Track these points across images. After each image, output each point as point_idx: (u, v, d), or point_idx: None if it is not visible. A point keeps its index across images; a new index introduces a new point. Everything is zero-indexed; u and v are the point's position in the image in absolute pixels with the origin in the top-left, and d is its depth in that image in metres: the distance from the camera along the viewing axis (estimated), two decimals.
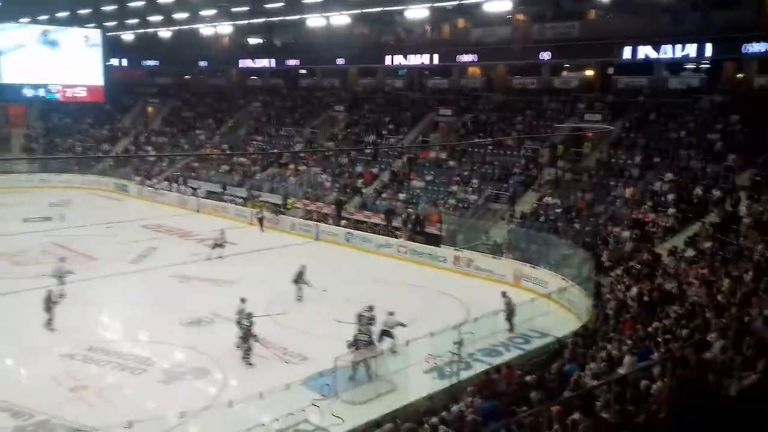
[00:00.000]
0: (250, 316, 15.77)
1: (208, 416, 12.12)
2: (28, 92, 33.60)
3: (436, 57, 37.06)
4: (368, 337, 14.97)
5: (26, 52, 32.56)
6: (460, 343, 13.88)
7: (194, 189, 37.27)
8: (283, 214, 31.84)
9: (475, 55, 35.45)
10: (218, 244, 25.40)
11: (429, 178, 31.59)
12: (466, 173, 30.68)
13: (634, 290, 15.49)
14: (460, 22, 38.77)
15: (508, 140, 31.31)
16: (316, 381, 13.37)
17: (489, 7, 31.38)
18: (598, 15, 33.94)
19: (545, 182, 27.76)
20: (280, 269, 22.66)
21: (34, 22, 36.15)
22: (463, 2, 32.89)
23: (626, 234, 21.65)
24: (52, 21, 36.94)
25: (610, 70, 33.04)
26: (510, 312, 17.46)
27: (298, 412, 11.95)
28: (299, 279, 20.17)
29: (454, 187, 29.79)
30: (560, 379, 11.30)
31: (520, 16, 34.67)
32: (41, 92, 33.62)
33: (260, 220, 31.15)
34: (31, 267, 23.35)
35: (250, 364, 15.35)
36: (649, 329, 12.10)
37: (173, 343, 16.97)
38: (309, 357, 15.84)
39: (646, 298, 14.45)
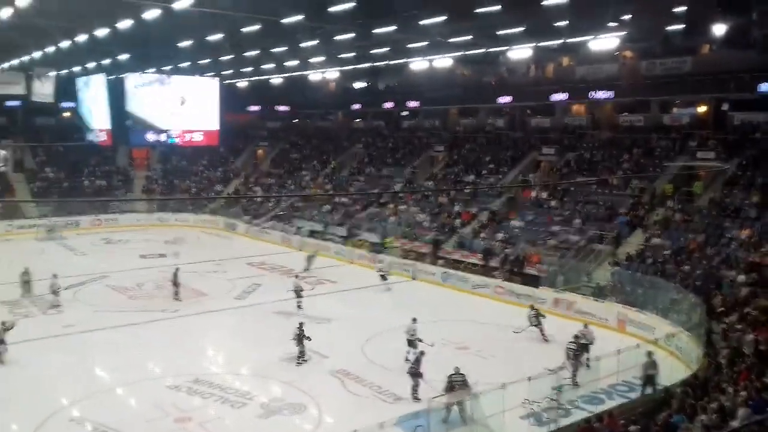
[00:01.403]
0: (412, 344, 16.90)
1: None
2: (152, 137, 36.21)
3: (540, 96, 36.74)
4: (463, 378, 14.71)
5: (150, 100, 35.19)
6: (559, 389, 13.41)
7: (298, 228, 38.51)
8: (381, 253, 32.14)
9: (575, 94, 34.85)
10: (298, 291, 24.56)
11: (529, 217, 31.04)
12: (567, 213, 29.91)
13: (750, 338, 14.40)
14: (565, 61, 38.33)
15: (614, 179, 30.33)
16: (409, 421, 13.30)
17: (595, 45, 30.82)
18: (711, 50, 32.51)
19: (653, 223, 26.53)
20: (378, 307, 22.93)
21: (159, 71, 39.13)
22: (567, 41, 32.54)
23: (742, 278, 20.19)
24: (175, 71, 39.83)
25: (725, 106, 31.43)
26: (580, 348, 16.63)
27: None
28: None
29: (555, 227, 29.07)
30: (666, 431, 10.66)
31: (628, 53, 33.83)
32: (163, 137, 36.12)
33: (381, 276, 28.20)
34: (144, 301, 24.85)
35: (417, 399, 15.34)
36: (766, 380, 11.20)
37: (273, 377, 17.42)
38: (402, 397, 15.77)
39: (762, 347, 13.40)
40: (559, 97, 35.73)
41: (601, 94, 34.02)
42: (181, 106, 35.64)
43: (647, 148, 31.67)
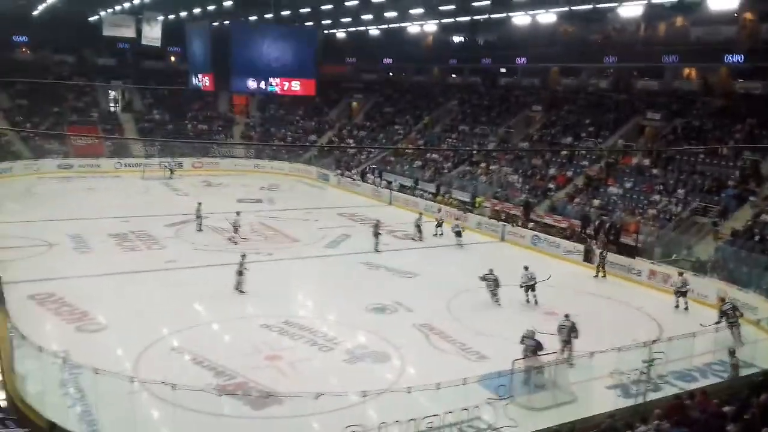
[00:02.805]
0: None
1: (386, 399, 12.57)
2: (252, 84, 37.04)
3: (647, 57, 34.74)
4: (534, 343, 14.40)
5: (252, 47, 35.87)
6: (650, 362, 12.97)
7: (388, 182, 38.73)
8: (471, 212, 31.89)
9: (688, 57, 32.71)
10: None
11: (628, 185, 29.81)
12: (671, 182, 28.50)
13: None
14: (678, 21, 35.94)
15: (724, 149, 28.54)
16: (492, 380, 13.29)
17: (713, 5, 28.64)
18: None
19: (764, 198, 24.88)
20: (463, 266, 22.83)
21: (261, 20, 39.73)
22: None
23: None
24: (276, 19, 40.35)
25: None
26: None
27: (472, 409, 11.98)
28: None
29: (656, 197, 27.81)
30: (764, 415, 10.14)
31: (748, 15, 31.31)
32: (263, 85, 36.86)
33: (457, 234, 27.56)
34: (241, 244, 25.84)
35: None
36: None
37: (358, 326, 17.82)
38: (487, 356, 15.80)
39: None
40: (670, 59, 33.62)
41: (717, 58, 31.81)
42: (281, 55, 36.11)
43: (763, 118, 29.49)
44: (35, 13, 46.33)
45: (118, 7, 45.20)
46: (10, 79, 43.91)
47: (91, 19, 48.19)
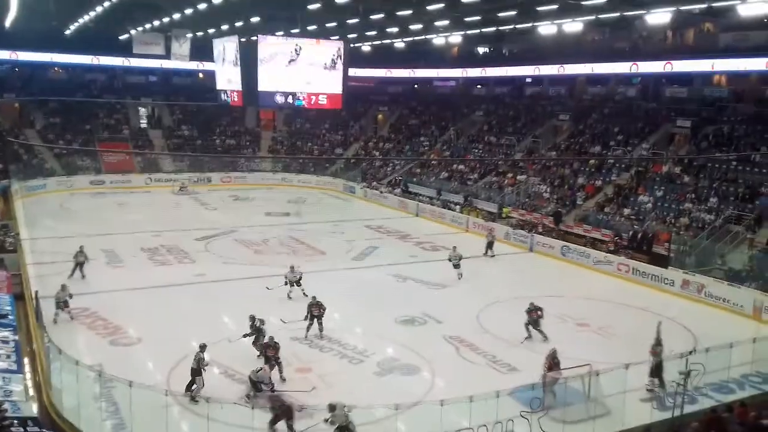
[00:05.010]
0: None
1: (417, 412, 12.50)
2: (280, 99, 37.36)
3: (677, 64, 34.24)
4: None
5: (279, 62, 36.23)
6: (686, 374, 12.71)
7: (415, 194, 38.70)
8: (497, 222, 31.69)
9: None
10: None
11: (659, 193, 29.39)
12: (703, 190, 28.04)
13: None
14: (707, 26, 35.48)
15: (757, 156, 28.00)
16: (525, 393, 13.14)
17: (744, 10, 28.16)
18: None
19: None
20: (493, 277, 22.69)
21: (288, 35, 40.19)
22: (713, 5, 29.97)
23: None
24: (303, 34, 40.77)
25: None
26: None
27: (505, 422, 11.84)
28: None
29: (688, 205, 27.37)
30: None
31: None
32: (290, 99, 37.19)
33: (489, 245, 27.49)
34: (269, 256, 26.02)
35: None
36: None
37: (387, 338, 17.77)
38: (518, 368, 15.64)
39: None
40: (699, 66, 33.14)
41: (746, 64, 31.23)
42: (308, 69, 36.43)
43: None
44: (67, 32, 47.52)
45: (147, 25, 46.22)
46: (44, 98, 45.18)
47: (121, 37, 49.25)
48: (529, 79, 46.82)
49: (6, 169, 38.43)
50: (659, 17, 30.81)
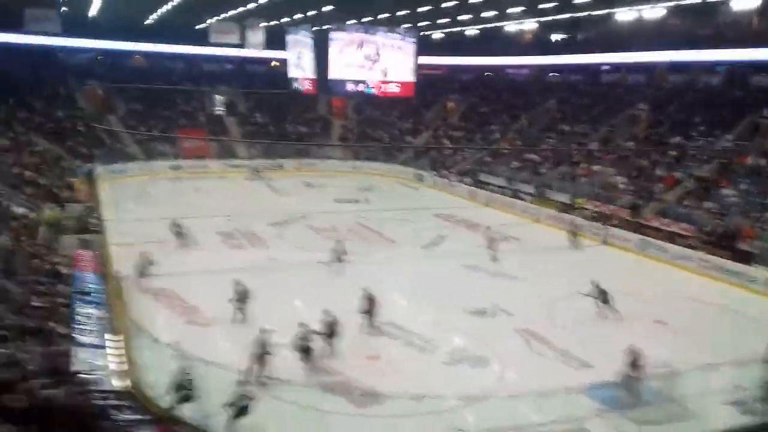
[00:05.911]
0: None
1: (487, 404, 12.40)
2: (351, 87, 37.67)
3: (764, 52, 32.43)
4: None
5: (350, 51, 36.45)
6: None
7: (486, 184, 38.24)
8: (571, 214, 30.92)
9: None
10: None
11: (744, 187, 27.99)
12: None
13: None
14: None
15: None
16: (599, 391, 12.82)
17: None
18: None
19: None
20: (564, 270, 22.17)
21: (359, 23, 40.35)
22: None
23: None
24: (374, 22, 40.87)
25: None
26: None
27: (580, 420, 11.57)
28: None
29: None
30: None
31: None
32: (361, 87, 37.41)
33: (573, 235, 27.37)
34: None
35: None
36: None
37: (457, 328, 17.65)
38: (590, 364, 15.23)
39: None
40: None
41: None
42: (379, 57, 36.52)
43: None
44: (147, 22, 49.28)
45: (223, 15, 47.36)
46: (126, 85, 47.01)
47: (198, 27, 50.68)
48: (606, 67, 45.36)
49: (91, 154, 40.33)
50: (746, 2, 29.31)
